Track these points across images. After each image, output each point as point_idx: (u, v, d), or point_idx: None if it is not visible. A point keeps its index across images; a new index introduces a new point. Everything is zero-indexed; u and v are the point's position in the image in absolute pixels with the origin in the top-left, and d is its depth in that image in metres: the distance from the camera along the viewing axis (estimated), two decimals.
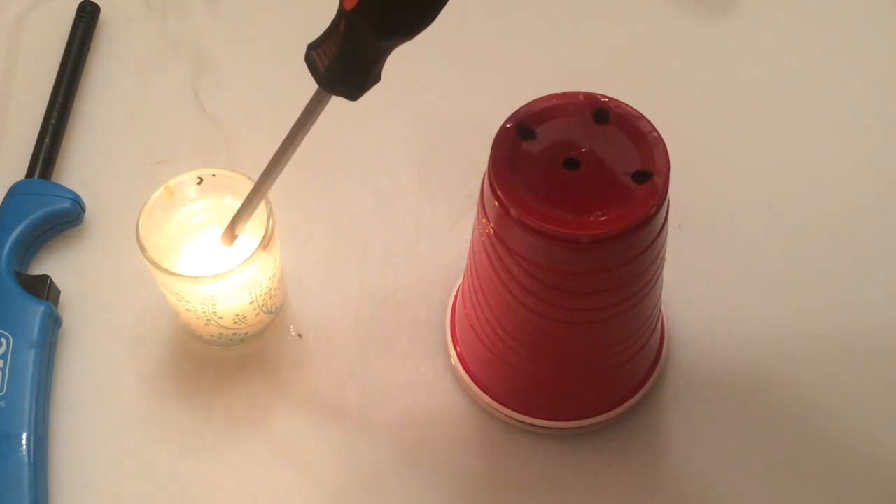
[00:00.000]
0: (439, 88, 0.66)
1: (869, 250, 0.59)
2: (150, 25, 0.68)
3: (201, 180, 0.52)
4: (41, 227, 0.57)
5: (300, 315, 0.56)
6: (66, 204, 0.57)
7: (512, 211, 0.42)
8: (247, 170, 0.52)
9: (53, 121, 0.61)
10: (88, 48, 0.66)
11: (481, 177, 0.45)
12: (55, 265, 0.57)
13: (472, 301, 0.50)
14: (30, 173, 0.59)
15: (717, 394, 0.54)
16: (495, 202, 0.43)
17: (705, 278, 0.58)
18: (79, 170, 0.61)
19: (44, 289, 0.54)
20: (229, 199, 0.52)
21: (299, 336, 0.56)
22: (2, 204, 0.57)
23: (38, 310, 0.53)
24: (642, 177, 0.43)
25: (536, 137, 0.44)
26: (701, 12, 0.70)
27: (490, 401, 0.52)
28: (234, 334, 0.54)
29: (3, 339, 0.52)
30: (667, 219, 0.45)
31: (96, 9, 0.67)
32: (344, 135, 0.63)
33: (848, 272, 0.58)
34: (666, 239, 0.46)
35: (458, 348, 0.54)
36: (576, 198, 0.42)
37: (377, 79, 0.41)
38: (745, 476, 0.51)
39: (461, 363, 0.53)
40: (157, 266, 0.48)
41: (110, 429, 0.53)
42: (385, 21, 0.38)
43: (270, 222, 0.50)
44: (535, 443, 0.52)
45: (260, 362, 0.55)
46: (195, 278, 0.48)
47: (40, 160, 0.59)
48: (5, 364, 0.51)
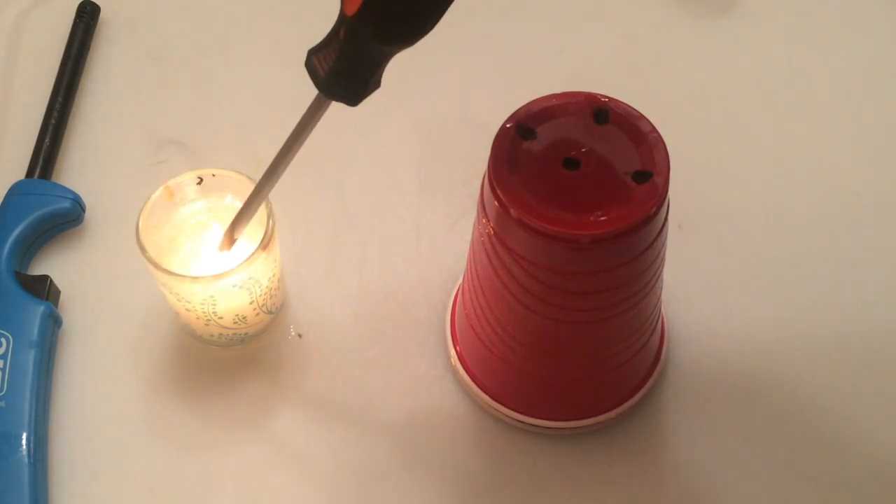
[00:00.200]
0: (439, 89, 0.66)
1: (869, 250, 0.59)
2: (150, 25, 0.68)
3: (201, 180, 0.52)
4: (41, 227, 0.57)
5: (300, 315, 0.56)
6: (66, 204, 0.57)
7: (512, 211, 0.42)
8: (247, 170, 0.52)
9: (53, 121, 0.61)
10: (88, 48, 0.66)
11: (481, 177, 0.45)
12: (55, 265, 0.57)
13: (472, 301, 0.50)
14: (30, 173, 0.59)
15: (717, 394, 0.54)
16: (495, 202, 0.43)
17: (705, 278, 0.58)
18: (79, 170, 0.61)
19: (44, 289, 0.54)
20: (229, 199, 0.52)
21: (299, 336, 0.56)
22: (2, 204, 0.57)
23: (38, 310, 0.53)
24: (642, 177, 0.43)
25: (536, 137, 0.44)
26: (701, 12, 0.70)
27: (490, 401, 0.52)
28: (234, 334, 0.54)
29: (3, 339, 0.52)
30: (667, 219, 0.45)
31: (96, 9, 0.67)
32: (344, 135, 0.63)
33: (848, 272, 0.58)
34: (666, 239, 0.46)
35: (458, 348, 0.54)
36: (576, 198, 0.42)
37: (377, 85, 0.41)
38: (746, 475, 0.51)
39: (461, 363, 0.53)
40: (157, 266, 0.48)
41: (110, 429, 0.53)
42: (386, 28, 0.38)
43: (270, 222, 0.50)
44: (535, 443, 0.52)
45: (260, 362, 0.55)
46: (195, 278, 0.48)
47: (40, 160, 0.59)
48: (5, 364, 0.51)
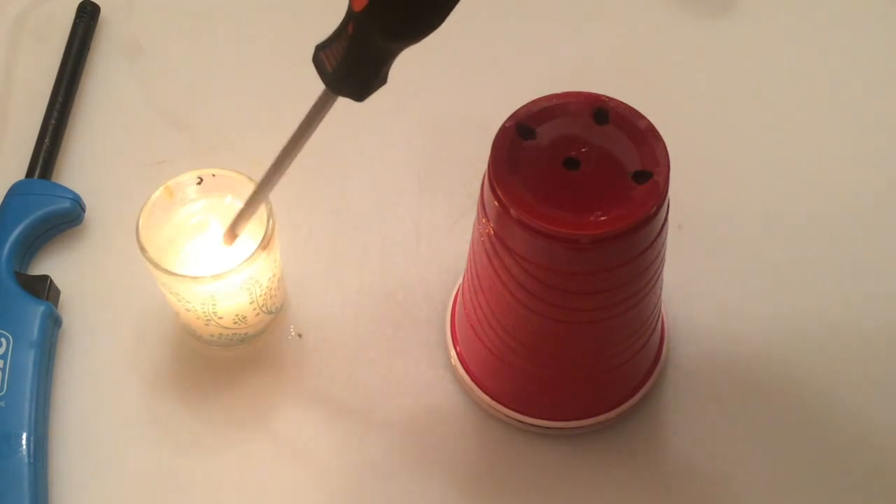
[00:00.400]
0: (440, 89, 0.66)
1: (869, 250, 0.59)
2: (150, 25, 0.68)
3: (201, 180, 0.52)
4: (41, 227, 0.57)
5: (300, 315, 0.56)
6: (66, 204, 0.57)
7: (512, 211, 0.42)
8: (247, 170, 0.52)
9: (53, 121, 0.61)
10: (88, 48, 0.66)
11: (481, 177, 0.45)
12: (55, 265, 0.57)
13: (472, 301, 0.50)
14: (30, 173, 0.59)
15: (717, 393, 0.54)
16: (495, 202, 0.43)
17: (705, 278, 0.58)
18: (79, 170, 0.61)
19: (44, 289, 0.54)
20: (229, 199, 0.52)
21: (299, 336, 0.56)
22: (2, 204, 0.57)
23: (38, 310, 0.53)
24: (642, 177, 0.43)
25: (536, 137, 0.44)
26: (701, 12, 0.70)
27: (490, 401, 0.52)
28: (234, 334, 0.54)
29: (3, 339, 0.52)
30: (667, 219, 0.45)
31: (96, 9, 0.67)
32: (344, 135, 0.63)
33: (848, 272, 0.58)
34: (666, 239, 0.46)
35: (458, 348, 0.54)
36: (576, 198, 0.42)
37: (383, 81, 0.41)
38: (746, 475, 0.51)
39: (461, 363, 0.53)
40: (157, 266, 0.48)
41: (110, 429, 0.53)
42: (394, 24, 0.38)
43: (270, 222, 0.50)
44: (535, 443, 0.52)
45: (260, 362, 0.55)
46: (195, 278, 0.48)
47: (40, 160, 0.59)
48: (5, 364, 0.51)
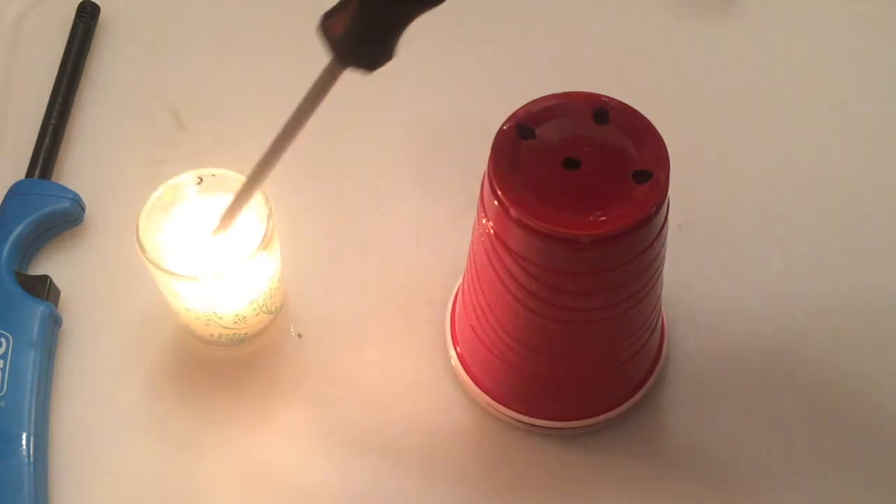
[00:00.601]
0: (439, 88, 0.66)
1: (869, 250, 0.59)
2: (150, 25, 0.68)
3: (201, 180, 0.52)
4: (41, 227, 0.57)
5: (300, 315, 0.56)
6: (66, 204, 0.57)
7: (512, 211, 0.42)
8: (247, 170, 0.52)
9: (53, 121, 0.61)
10: (88, 48, 0.66)
11: (481, 177, 0.45)
12: (55, 265, 0.57)
13: (472, 301, 0.50)
14: (30, 173, 0.59)
15: (717, 393, 0.54)
16: (495, 202, 0.43)
17: (705, 278, 0.58)
18: (79, 170, 0.61)
19: (44, 289, 0.54)
20: (229, 199, 0.52)
21: (299, 336, 0.56)
22: (2, 204, 0.57)
23: (38, 310, 0.53)
24: (642, 177, 0.43)
25: (536, 137, 0.44)
26: (701, 12, 0.70)
27: (490, 401, 0.52)
28: (234, 334, 0.54)
29: (3, 339, 0.52)
30: (667, 219, 0.45)
31: (96, 9, 0.67)
32: (344, 135, 0.63)
33: (848, 272, 0.58)
34: (666, 239, 0.46)
35: (458, 348, 0.54)
36: (576, 198, 0.42)
37: (393, 54, 0.39)
38: (746, 475, 0.51)
39: (461, 363, 0.53)
40: (157, 266, 0.48)
41: (110, 429, 0.53)
42: None
43: (270, 222, 0.50)
44: (535, 443, 0.52)
45: (260, 362, 0.55)
46: (195, 278, 0.48)
47: (40, 160, 0.59)
48: (5, 364, 0.51)
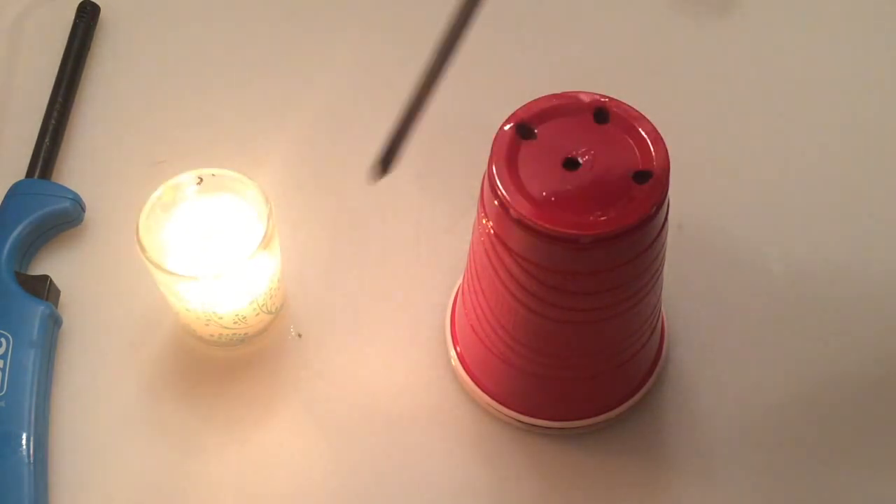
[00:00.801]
0: (439, 88, 0.66)
1: (869, 249, 0.59)
2: (150, 25, 0.68)
3: (201, 180, 0.52)
4: (41, 227, 0.57)
5: (300, 315, 0.56)
6: (66, 204, 0.57)
7: (512, 211, 0.42)
8: (247, 170, 0.52)
9: (53, 121, 0.61)
10: (88, 48, 0.66)
11: (481, 177, 0.45)
12: (55, 265, 0.57)
13: (472, 301, 0.50)
14: (30, 173, 0.59)
15: (717, 393, 0.54)
16: (495, 202, 0.43)
17: (705, 278, 0.58)
18: (79, 170, 0.61)
19: (44, 289, 0.54)
20: (229, 199, 0.52)
21: (299, 336, 0.56)
22: (2, 204, 0.57)
23: (38, 310, 0.53)
24: (642, 177, 0.43)
25: (536, 137, 0.44)
26: (701, 12, 0.70)
27: (490, 401, 0.52)
28: (234, 334, 0.54)
29: (3, 339, 0.52)
30: (667, 219, 0.45)
31: (96, 9, 0.67)
32: (344, 134, 0.63)
33: (848, 272, 0.58)
34: (666, 239, 0.46)
35: (458, 348, 0.54)
36: (576, 198, 0.42)
37: None
38: (746, 475, 0.51)
39: (461, 363, 0.53)
40: (157, 266, 0.48)
41: (110, 429, 0.53)
42: None
43: (270, 222, 0.50)
44: (535, 443, 0.52)
45: (260, 362, 0.55)
46: (195, 278, 0.48)
47: (40, 160, 0.59)
48: (5, 364, 0.51)
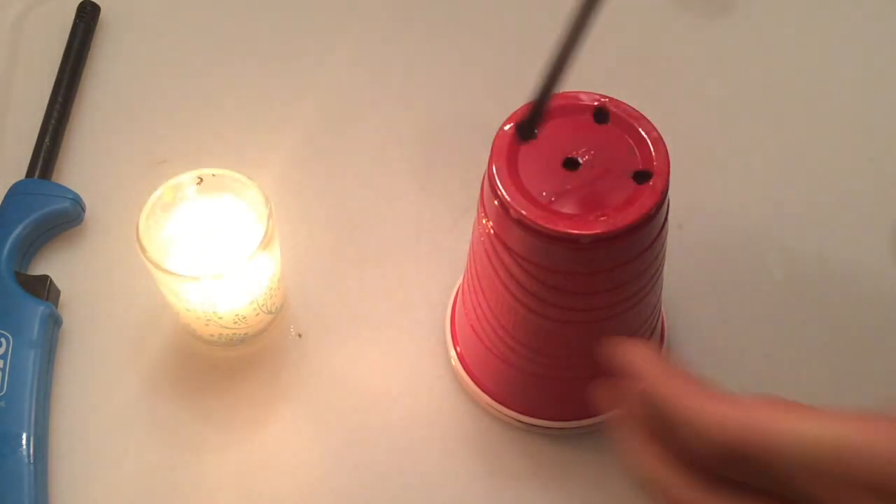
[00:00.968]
0: (439, 89, 0.66)
1: (869, 250, 0.59)
2: (150, 25, 0.68)
3: (201, 180, 0.52)
4: (41, 227, 0.57)
5: (300, 315, 0.56)
6: (66, 204, 0.57)
7: (512, 211, 0.42)
8: (247, 170, 0.52)
9: (53, 121, 0.61)
10: (88, 48, 0.66)
11: (481, 177, 0.45)
12: (55, 265, 0.57)
13: (472, 301, 0.50)
14: (30, 173, 0.59)
15: None
16: (495, 202, 0.43)
17: (705, 278, 0.58)
18: (79, 170, 0.61)
19: (44, 289, 0.54)
20: (229, 199, 0.52)
21: (299, 336, 0.56)
22: (2, 204, 0.57)
23: (38, 310, 0.53)
24: (642, 177, 0.43)
25: (536, 137, 0.44)
26: (701, 12, 0.70)
27: (490, 401, 0.52)
28: (234, 334, 0.54)
29: (3, 339, 0.52)
30: (667, 219, 0.45)
31: (96, 9, 0.67)
32: (344, 135, 0.63)
33: (847, 272, 0.58)
34: (666, 239, 0.46)
35: (458, 348, 0.54)
36: (575, 198, 0.42)
37: None
38: None
39: (461, 363, 0.53)
40: (157, 266, 0.48)
41: (110, 429, 0.53)
42: None
43: (270, 222, 0.50)
44: (535, 443, 0.52)
45: (260, 362, 0.55)
46: (195, 278, 0.48)
47: (40, 160, 0.59)
48: (5, 364, 0.51)
